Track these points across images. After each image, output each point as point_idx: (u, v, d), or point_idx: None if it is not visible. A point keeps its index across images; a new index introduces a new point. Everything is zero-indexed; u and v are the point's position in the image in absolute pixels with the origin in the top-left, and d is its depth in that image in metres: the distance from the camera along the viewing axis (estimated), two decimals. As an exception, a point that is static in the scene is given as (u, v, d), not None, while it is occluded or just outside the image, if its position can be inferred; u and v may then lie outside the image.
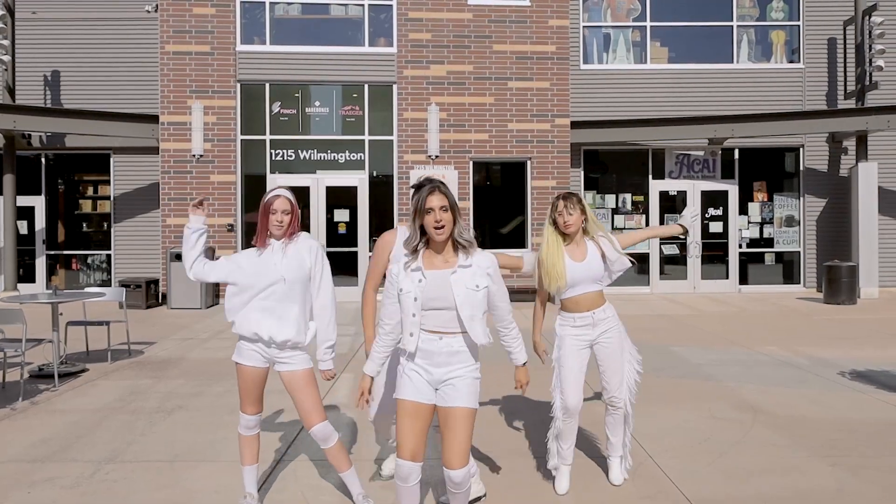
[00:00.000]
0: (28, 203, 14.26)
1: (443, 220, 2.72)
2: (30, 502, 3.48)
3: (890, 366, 6.87)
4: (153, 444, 4.44)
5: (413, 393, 2.78)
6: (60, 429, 4.77)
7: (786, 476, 3.88)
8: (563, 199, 3.61)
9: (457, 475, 2.72)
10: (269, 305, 3.26)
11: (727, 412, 5.22)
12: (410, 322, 2.78)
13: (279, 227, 3.29)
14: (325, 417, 3.34)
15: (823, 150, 14.48)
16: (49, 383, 6.05)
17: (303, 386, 3.31)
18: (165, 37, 12.91)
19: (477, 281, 2.77)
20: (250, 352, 3.32)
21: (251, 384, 3.35)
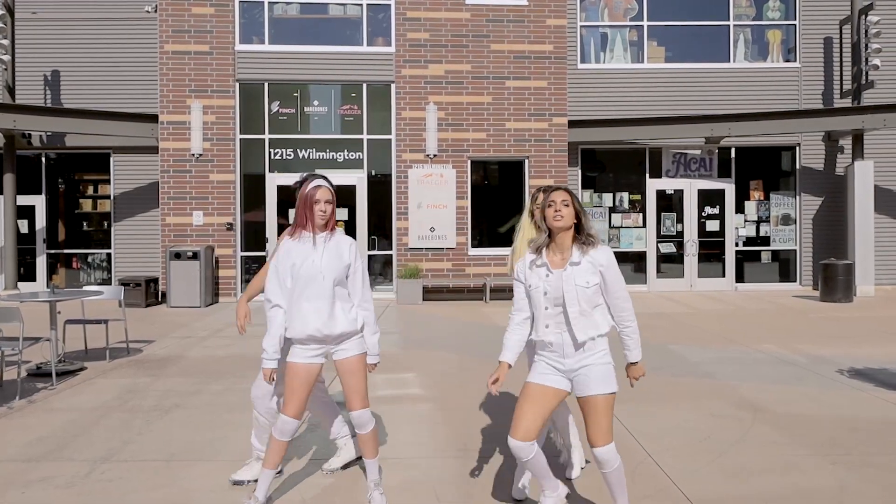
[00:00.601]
0: (28, 202, 14.34)
1: (563, 213, 2.99)
2: (25, 501, 3.53)
3: (888, 364, 6.93)
4: (150, 442, 4.50)
5: (539, 377, 3.04)
6: (57, 427, 4.83)
7: (786, 475, 3.89)
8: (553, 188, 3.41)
9: (602, 452, 2.95)
10: (316, 305, 3.32)
11: (726, 410, 5.26)
12: (544, 315, 3.01)
13: (323, 216, 3.37)
14: (368, 404, 3.48)
15: (820, 148, 14.53)
16: (47, 382, 6.13)
17: (354, 370, 3.43)
18: (164, 36, 12.97)
19: (587, 278, 2.96)
20: (304, 350, 3.38)
21: (303, 382, 3.37)
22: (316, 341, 3.36)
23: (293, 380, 3.36)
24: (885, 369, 6.69)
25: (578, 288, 2.94)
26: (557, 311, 2.99)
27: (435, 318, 10.70)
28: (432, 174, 13.22)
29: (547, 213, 3.03)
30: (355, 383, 3.43)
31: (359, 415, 3.44)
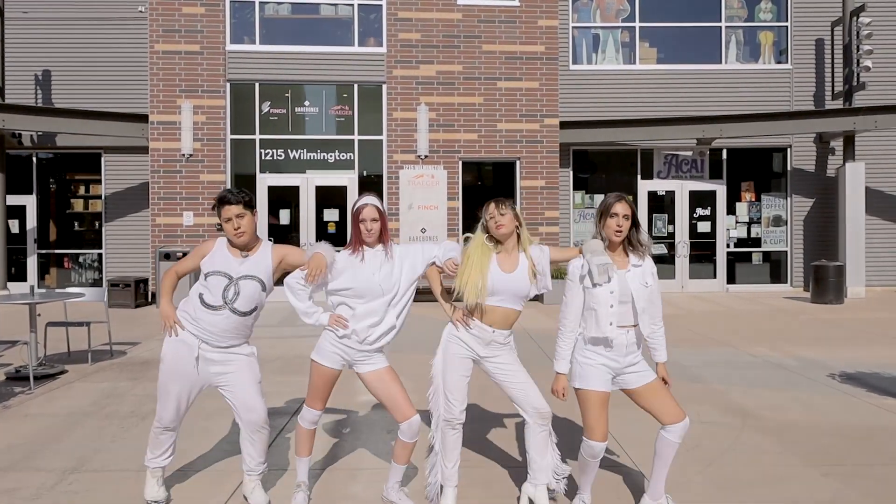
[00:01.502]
0: (19, 202, 14.30)
1: (624, 226, 3.27)
2: (-8, 510, 3.50)
3: (879, 367, 6.91)
4: (122, 451, 4.45)
5: (602, 384, 3.30)
6: (29, 435, 4.79)
7: (778, 486, 3.84)
8: (493, 203, 3.43)
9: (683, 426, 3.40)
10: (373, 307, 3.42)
11: (716, 416, 5.22)
12: (609, 313, 3.23)
13: (369, 234, 3.44)
14: (416, 411, 3.49)
15: (811, 150, 14.52)
16: (25, 386, 6.09)
17: (391, 380, 3.50)
18: (155, 36, 12.94)
19: (646, 279, 3.31)
20: (332, 354, 3.46)
21: (325, 383, 3.51)
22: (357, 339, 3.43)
23: (317, 379, 3.50)
24: (876, 373, 6.67)
25: (641, 288, 3.28)
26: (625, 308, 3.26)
27: (424, 320, 10.65)
28: (423, 175, 13.20)
29: (609, 223, 3.29)
30: (395, 392, 3.47)
31: (415, 421, 3.45)
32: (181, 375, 3.48)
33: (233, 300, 3.42)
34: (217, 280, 3.43)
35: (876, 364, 7.06)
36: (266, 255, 3.55)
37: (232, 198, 3.46)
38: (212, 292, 3.42)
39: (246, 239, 3.48)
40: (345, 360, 3.49)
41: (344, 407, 5.51)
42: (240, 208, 3.45)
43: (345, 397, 5.66)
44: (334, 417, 5.25)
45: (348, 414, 5.38)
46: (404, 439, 3.48)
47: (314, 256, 3.38)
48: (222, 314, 3.42)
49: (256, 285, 3.48)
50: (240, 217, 3.45)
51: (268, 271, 3.53)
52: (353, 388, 5.80)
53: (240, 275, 3.46)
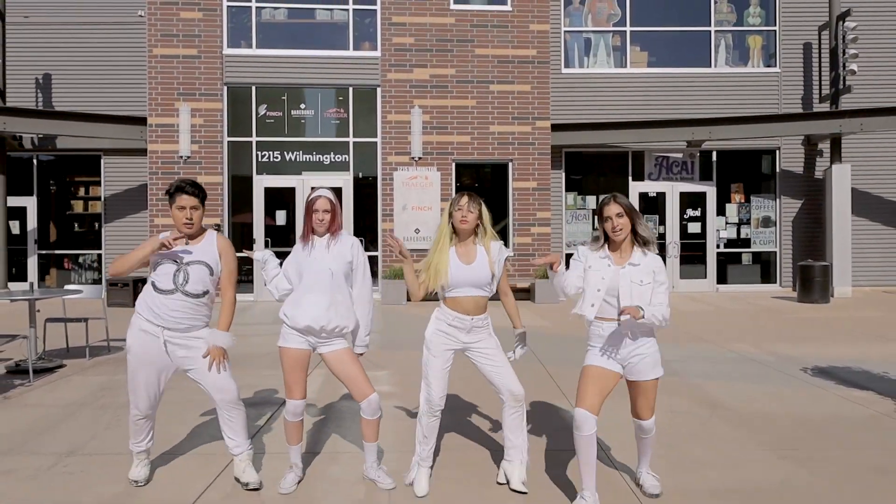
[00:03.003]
0: (20, 203, 14.54)
1: (619, 224, 3.40)
2: (-11, 491, 3.71)
3: (853, 362, 7.11)
4: (116, 437, 4.67)
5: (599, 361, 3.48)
6: (27, 423, 5.01)
7: (735, 469, 4.05)
8: (467, 195, 3.71)
9: (647, 424, 3.58)
10: (318, 298, 3.62)
11: (686, 407, 5.44)
12: (594, 295, 3.43)
13: (321, 224, 3.71)
14: (374, 390, 3.71)
15: (799, 152, 14.75)
16: (24, 378, 6.31)
17: (350, 361, 3.70)
18: (153, 40, 13.17)
19: (642, 277, 3.38)
20: (296, 337, 3.69)
21: (296, 365, 3.68)
22: (314, 333, 3.66)
23: (289, 365, 3.69)
24: (848, 368, 6.88)
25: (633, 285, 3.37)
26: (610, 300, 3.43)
27: (417, 319, 10.88)
28: (417, 176, 13.42)
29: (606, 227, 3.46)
30: (355, 373, 3.68)
31: (374, 399, 3.68)
32: (149, 363, 3.66)
33: (183, 284, 3.62)
34: (166, 267, 3.66)
35: (851, 360, 7.27)
36: (212, 242, 3.76)
37: (190, 189, 3.67)
38: (163, 279, 3.64)
39: (194, 231, 3.72)
40: (308, 343, 3.70)
41: (325, 398, 5.72)
42: (195, 201, 3.68)
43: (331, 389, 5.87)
44: (315, 406, 5.46)
45: (326, 404, 5.59)
46: (366, 417, 3.72)
47: (213, 350, 3.67)
48: (174, 297, 3.61)
49: (204, 269, 3.68)
50: (194, 209, 3.68)
51: (214, 257, 3.74)
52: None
53: (187, 260, 3.67)
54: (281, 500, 3.62)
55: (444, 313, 3.71)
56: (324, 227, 3.71)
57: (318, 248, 3.73)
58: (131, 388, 3.73)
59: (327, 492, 3.74)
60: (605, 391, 3.41)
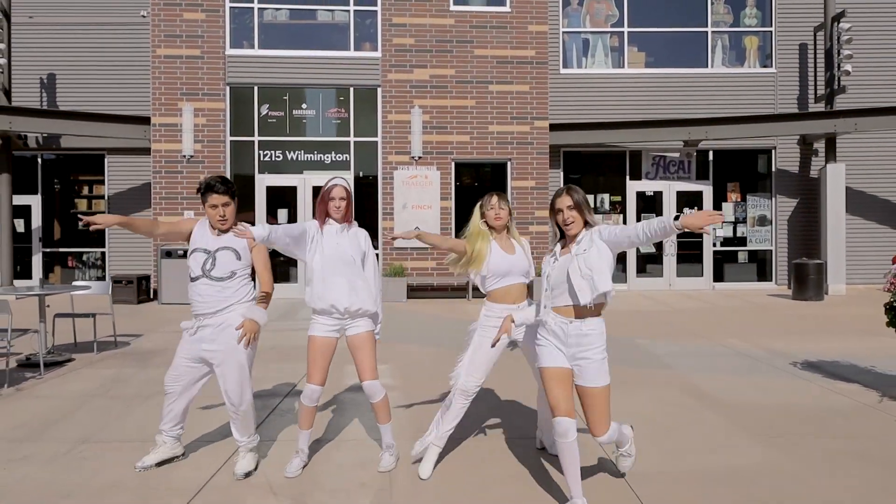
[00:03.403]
0: (25, 202, 14.72)
1: (570, 217, 3.39)
2: (6, 477, 3.88)
3: (841, 356, 7.28)
4: (127, 426, 4.87)
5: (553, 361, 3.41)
6: (41, 412, 5.20)
7: (719, 454, 4.24)
8: (496, 196, 4.01)
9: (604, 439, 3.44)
10: (340, 281, 3.84)
11: (676, 398, 5.62)
12: (545, 295, 3.46)
13: (337, 210, 3.89)
14: (377, 376, 3.95)
15: (795, 151, 14.93)
16: (35, 371, 6.50)
17: (366, 347, 3.92)
18: (157, 41, 13.35)
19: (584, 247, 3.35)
20: (323, 325, 3.89)
21: (321, 353, 3.88)
22: (339, 313, 3.86)
23: (314, 352, 3.87)
24: (836, 361, 7.06)
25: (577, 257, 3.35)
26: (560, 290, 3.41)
27: (417, 315, 11.08)
28: (417, 175, 13.60)
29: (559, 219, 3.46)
30: (363, 357, 3.91)
31: (370, 384, 3.92)
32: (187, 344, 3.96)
33: (210, 270, 3.83)
34: (198, 256, 3.87)
35: (840, 354, 7.44)
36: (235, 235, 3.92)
37: (220, 187, 3.83)
38: (194, 268, 3.87)
39: (228, 227, 3.90)
40: (336, 330, 3.93)
41: (331, 389, 5.91)
42: (226, 198, 3.85)
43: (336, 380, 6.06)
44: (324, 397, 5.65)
45: (333, 395, 5.78)
46: (370, 400, 3.96)
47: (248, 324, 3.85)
48: (201, 282, 3.83)
49: (231, 254, 3.87)
50: (225, 206, 3.85)
51: (242, 244, 3.92)
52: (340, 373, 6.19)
53: (216, 247, 3.87)
54: (285, 483, 3.80)
55: (492, 309, 3.95)
56: (340, 213, 3.90)
57: (335, 235, 3.92)
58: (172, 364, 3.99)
59: (331, 475, 3.92)
60: (570, 388, 3.41)
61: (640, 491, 3.68)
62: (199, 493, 3.64)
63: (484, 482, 3.82)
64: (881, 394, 5.70)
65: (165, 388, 3.99)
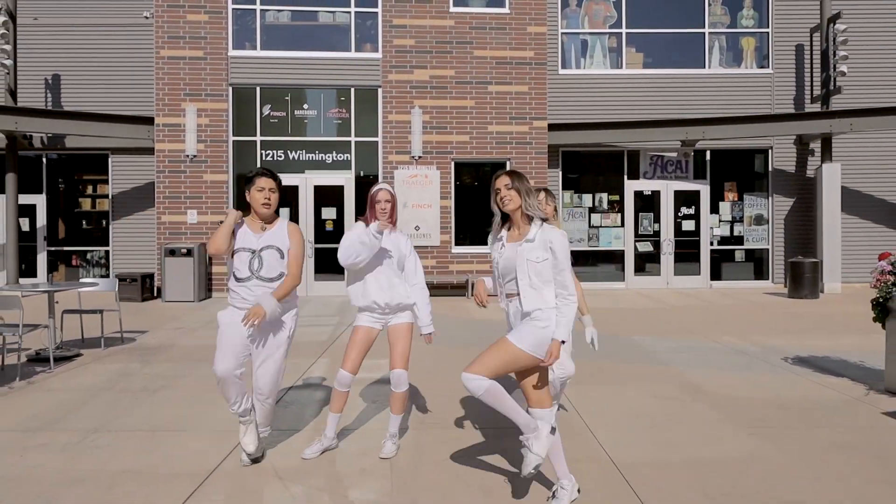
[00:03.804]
0: (30, 201, 14.88)
1: (507, 196, 3.41)
2: (22, 464, 4.05)
3: (832, 352, 7.45)
4: (137, 417, 5.04)
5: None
6: (53, 404, 5.37)
7: (710, 445, 4.39)
8: (543, 191, 4.16)
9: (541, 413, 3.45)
10: (380, 277, 4.13)
11: (669, 392, 5.77)
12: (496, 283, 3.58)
13: (383, 213, 4.12)
14: (407, 367, 4.21)
15: (791, 151, 15.08)
16: (45, 366, 6.67)
17: (402, 336, 4.22)
18: (160, 42, 13.51)
19: (536, 254, 3.32)
20: (368, 318, 4.21)
21: (360, 342, 4.17)
22: (379, 308, 4.16)
23: (353, 340, 4.17)
24: (827, 357, 7.22)
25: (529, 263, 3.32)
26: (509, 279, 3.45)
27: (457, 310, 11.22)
28: (417, 175, 13.76)
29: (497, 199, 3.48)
30: (401, 347, 4.19)
31: (398, 373, 4.17)
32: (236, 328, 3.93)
33: (258, 270, 3.96)
34: (242, 256, 4.00)
35: (831, 350, 7.60)
36: (283, 228, 4.09)
37: (269, 173, 4.05)
38: (240, 268, 3.99)
39: (270, 212, 4.02)
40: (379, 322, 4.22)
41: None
42: (273, 183, 4.02)
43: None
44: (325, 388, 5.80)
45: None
46: (393, 389, 4.20)
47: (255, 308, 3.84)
48: (252, 283, 3.95)
49: (275, 253, 4.01)
50: (272, 191, 4.00)
51: (284, 242, 4.06)
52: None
53: (260, 246, 4.00)
54: (291, 469, 3.96)
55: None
56: (385, 215, 4.12)
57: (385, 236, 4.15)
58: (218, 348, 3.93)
59: (333, 462, 4.08)
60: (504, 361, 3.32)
61: (633, 479, 3.83)
62: (207, 479, 3.80)
63: (480, 466, 3.98)
64: (868, 387, 5.86)
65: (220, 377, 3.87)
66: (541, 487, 3.70)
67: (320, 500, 3.53)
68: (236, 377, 3.88)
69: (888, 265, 5.58)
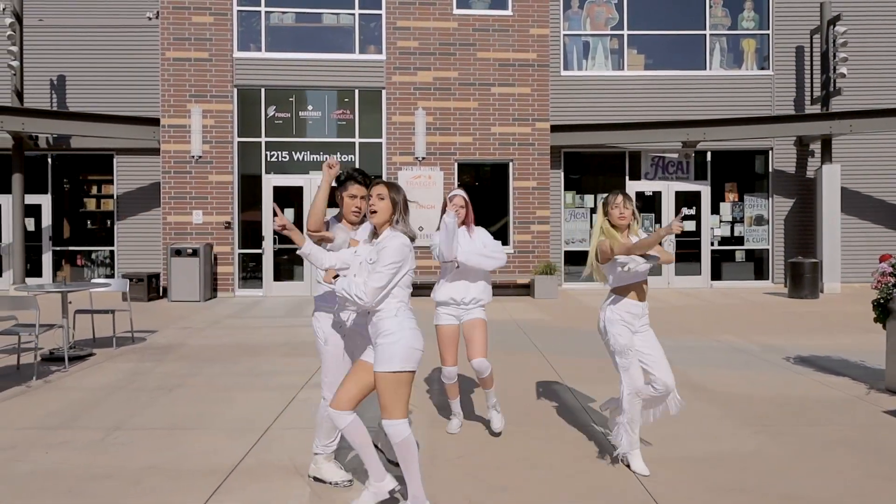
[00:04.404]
0: (35, 201, 14.98)
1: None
2: (48, 460, 4.16)
3: (833, 352, 7.57)
4: (155, 414, 5.16)
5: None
6: (72, 402, 5.49)
7: (711, 441, 4.52)
8: (621, 195, 4.11)
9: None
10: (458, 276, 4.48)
11: (672, 391, 5.92)
12: None
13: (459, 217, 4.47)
14: (486, 355, 4.55)
15: (791, 152, 15.21)
16: (60, 365, 6.78)
17: (478, 329, 4.56)
18: (166, 44, 13.62)
19: (371, 255, 3.25)
20: (446, 315, 4.55)
21: (450, 339, 4.54)
22: (455, 303, 4.52)
23: (443, 339, 4.56)
24: (828, 356, 7.34)
25: (364, 264, 3.27)
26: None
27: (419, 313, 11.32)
28: (421, 176, 13.88)
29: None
30: (478, 338, 4.55)
31: (479, 362, 4.51)
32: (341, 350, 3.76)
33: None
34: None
35: (832, 349, 7.73)
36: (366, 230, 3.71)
37: (360, 178, 3.79)
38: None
39: (360, 220, 3.84)
40: (456, 318, 4.55)
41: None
42: (365, 191, 3.74)
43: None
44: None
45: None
46: (479, 375, 4.58)
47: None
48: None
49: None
50: (362, 198, 3.77)
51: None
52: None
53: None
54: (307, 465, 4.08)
55: (621, 304, 4.05)
56: (460, 219, 4.46)
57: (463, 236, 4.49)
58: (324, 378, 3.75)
59: (348, 456, 4.20)
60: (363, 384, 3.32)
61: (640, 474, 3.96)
62: (230, 475, 3.92)
63: (494, 464, 4.09)
64: (869, 386, 5.98)
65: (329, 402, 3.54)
66: (552, 482, 3.82)
67: (338, 494, 3.64)
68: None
69: (889, 267, 5.70)
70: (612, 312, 4.07)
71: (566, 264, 14.92)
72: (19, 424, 4.89)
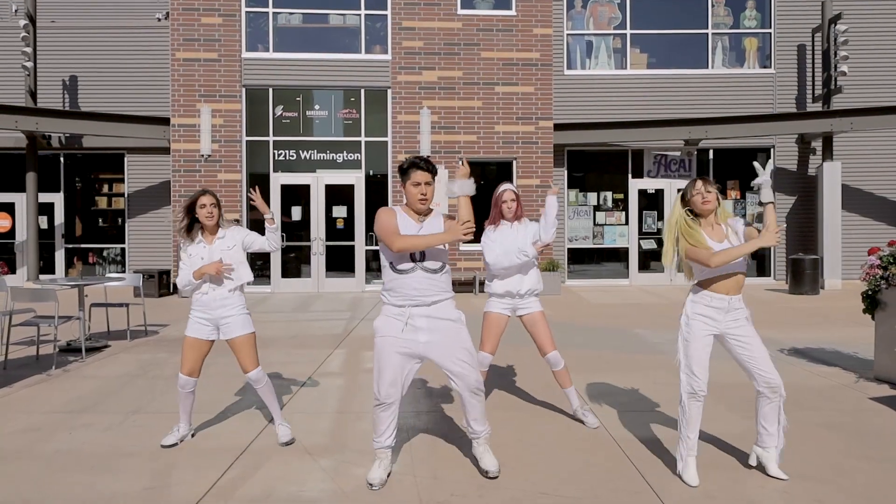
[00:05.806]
0: (48, 200, 15.28)
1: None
2: (73, 440, 4.42)
3: (827, 344, 7.75)
4: (171, 400, 5.39)
5: (199, 331, 4.54)
6: (91, 389, 5.74)
7: (703, 424, 4.65)
8: (701, 180, 3.78)
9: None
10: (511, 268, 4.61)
11: (668, 379, 6.08)
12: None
13: (510, 211, 4.68)
14: (556, 348, 4.68)
15: (793, 150, 15.36)
16: (77, 356, 7.04)
17: (540, 322, 4.67)
18: (176, 44, 13.89)
19: (228, 244, 4.42)
20: (499, 304, 4.66)
21: (495, 326, 4.66)
22: (510, 295, 4.66)
23: (488, 325, 4.66)
24: (822, 348, 7.52)
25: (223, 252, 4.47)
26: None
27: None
28: (426, 174, 14.07)
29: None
30: (541, 331, 4.64)
31: (552, 356, 4.65)
32: (394, 344, 3.66)
33: (421, 259, 3.63)
34: None
35: (826, 342, 7.91)
36: (439, 218, 3.77)
37: (424, 165, 3.69)
38: (401, 258, 3.63)
39: (428, 206, 3.73)
40: (510, 309, 4.69)
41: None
42: (429, 177, 3.67)
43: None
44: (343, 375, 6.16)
45: (355, 375, 6.27)
46: (553, 369, 4.67)
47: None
48: (415, 274, 3.62)
49: None
50: (427, 185, 3.66)
51: (441, 229, 3.72)
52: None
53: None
54: (318, 446, 4.31)
55: (701, 297, 3.72)
56: (511, 213, 4.63)
57: (508, 231, 4.66)
58: (376, 372, 3.70)
59: (357, 439, 4.43)
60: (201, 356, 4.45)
61: (631, 453, 4.17)
62: (243, 454, 4.15)
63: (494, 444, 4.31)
64: (858, 375, 6.17)
65: (382, 400, 3.66)
66: (553, 463, 4.03)
67: (347, 471, 3.87)
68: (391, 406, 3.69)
69: (877, 259, 5.88)
70: (691, 306, 3.76)
71: (569, 262, 15.12)
72: (43, 409, 5.14)
